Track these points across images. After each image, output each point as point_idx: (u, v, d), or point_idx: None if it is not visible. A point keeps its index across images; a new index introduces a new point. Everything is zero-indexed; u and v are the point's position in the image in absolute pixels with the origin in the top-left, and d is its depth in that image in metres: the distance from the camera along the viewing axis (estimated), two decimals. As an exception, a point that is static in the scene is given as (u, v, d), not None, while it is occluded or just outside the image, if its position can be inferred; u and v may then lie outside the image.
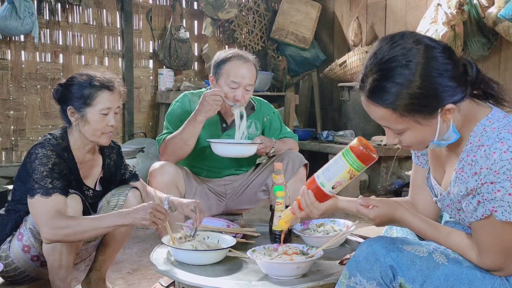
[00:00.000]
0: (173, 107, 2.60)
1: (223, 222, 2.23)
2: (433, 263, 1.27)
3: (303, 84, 5.85)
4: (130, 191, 2.10)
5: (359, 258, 1.32)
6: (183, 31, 5.08)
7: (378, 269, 1.28)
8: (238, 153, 2.43)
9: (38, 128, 4.44)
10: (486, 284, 1.26)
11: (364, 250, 1.32)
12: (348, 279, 1.34)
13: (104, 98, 1.97)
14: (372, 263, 1.29)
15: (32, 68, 4.39)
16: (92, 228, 1.82)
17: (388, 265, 1.28)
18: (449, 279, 1.26)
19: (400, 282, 1.28)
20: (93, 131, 1.98)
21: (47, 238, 1.80)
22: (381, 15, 5.14)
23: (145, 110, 5.06)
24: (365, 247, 1.33)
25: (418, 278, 1.27)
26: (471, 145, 1.28)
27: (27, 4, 3.92)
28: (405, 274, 1.27)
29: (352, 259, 1.35)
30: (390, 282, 1.28)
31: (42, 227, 1.80)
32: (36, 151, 1.88)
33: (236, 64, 2.43)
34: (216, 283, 1.60)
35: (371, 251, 1.30)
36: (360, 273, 1.31)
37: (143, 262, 2.75)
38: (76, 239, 1.86)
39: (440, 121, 1.28)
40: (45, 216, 1.79)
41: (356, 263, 1.33)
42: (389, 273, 1.28)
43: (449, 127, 1.30)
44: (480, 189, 1.24)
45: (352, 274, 1.33)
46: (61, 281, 1.91)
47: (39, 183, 1.83)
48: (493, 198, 1.22)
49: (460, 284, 1.26)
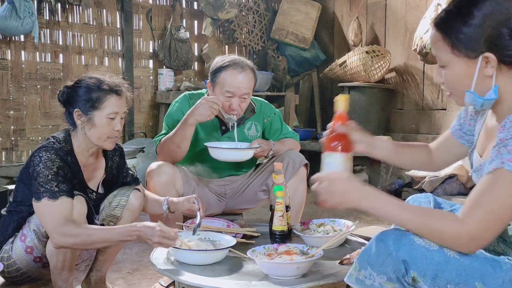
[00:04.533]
0: (172, 108, 2.60)
1: (223, 222, 2.24)
2: (444, 257, 1.25)
3: (303, 84, 5.85)
4: (132, 193, 2.11)
5: (371, 252, 1.30)
6: (183, 31, 5.08)
7: (390, 264, 1.26)
8: (235, 157, 2.43)
9: (38, 128, 4.44)
10: (497, 278, 1.24)
11: (375, 244, 1.30)
12: (358, 272, 1.31)
13: (112, 103, 1.97)
14: (383, 258, 1.27)
15: (32, 68, 4.39)
16: (101, 240, 1.83)
17: (401, 259, 1.25)
18: (461, 273, 1.24)
19: (413, 276, 1.25)
20: (99, 134, 1.98)
21: (56, 244, 1.82)
22: (381, 15, 5.14)
23: (145, 110, 5.07)
24: (376, 241, 1.30)
25: (429, 271, 1.24)
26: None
27: (27, 4, 3.92)
28: (418, 268, 1.25)
29: (364, 252, 1.32)
30: (402, 277, 1.26)
31: (52, 233, 1.81)
32: (40, 154, 1.88)
33: (231, 73, 2.40)
34: (216, 283, 1.60)
35: (383, 245, 1.28)
36: (371, 266, 1.29)
37: (143, 262, 2.74)
38: (83, 248, 1.90)
39: (479, 67, 1.29)
40: (54, 221, 1.80)
41: (367, 256, 1.30)
42: (402, 267, 1.26)
43: (491, 85, 1.31)
44: (507, 141, 1.23)
45: (363, 267, 1.30)
46: (63, 282, 1.92)
47: (44, 187, 1.83)
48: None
49: (472, 278, 1.24)
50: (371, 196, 1.34)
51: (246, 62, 2.48)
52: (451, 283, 1.24)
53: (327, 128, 1.66)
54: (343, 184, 1.37)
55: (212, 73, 2.47)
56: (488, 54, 1.28)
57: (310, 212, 3.91)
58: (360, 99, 4.87)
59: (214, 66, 2.47)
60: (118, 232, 1.82)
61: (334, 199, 1.37)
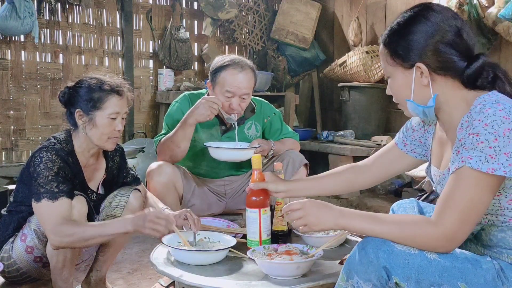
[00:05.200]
0: (172, 108, 2.60)
1: (223, 222, 2.24)
2: (425, 260, 1.27)
3: (303, 84, 5.85)
4: (132, 193, 2.11)
5: (354, 260, 1.33)
6: (183, 31, 5.08)
7: (372, 271, 1.29)
8: (235, 157, 2.43)
9: (38, 128, 4.44)
10: (479, 276, 1.27)
11: (357, 253, 1.33)
12: (346, 282, 1.35)
13: (114, 103, 1.98)
14: (366, 266, 1.30)
15: (32, 68, 4.39)
16: (96, 235, 1.83)
17: (382, 266, 1.28)
18: (443, 275, 1.26)
19: (395, 281, 1.28)
20: (100, 134, 1.98)
21: (54, 244, 1.82)
22: (381, 15, 5.14)
23: (145, 110, 5.06)
24: (358, 249, 1.33)
25: (412, 276, 1.27)
26: (469, 114, 1.32)
27: (27, 4, 3.92)
28: (399, 274, 1.27)
29: (347, 261, 1.36)
30: (385, 283, 1.29)
31: (49, 234, 1.82)
32: (41, 155, 1.88)
33: (231, 73, 2.40)
34: (216, 283, 1.60)
35: (364, 253, 1.31)
36: (357, 274, 1.32)
37: (143, 262, 2.75)
38: (81, 245, 1.89)
39: (414, 77, 1.39)
40: (51, 222, 1.80)
41: (352, 265, 1.34)
42: (383, 274, 1.28)
43: (431, 94, 1.38)
44: (465, 140, 1.28)
45: (350, 276, 1.34)
46: (64, 282, 1.92)
47: (44, 188, 1.83)
48: (473, 148, 1.25)
49: (454, 278, 1.26)
50: (344, 214, 1.42)
51: (246, 61, 2.48)
52: (434, 285, 1.27)
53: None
54: (315, 207, 1.46)
55: (212, 73, 2.47)
56: (419, 64, 1.37)
57: (310, 212, 3.90)
58: (360, 99, 4.87)
59: (214, 66, 2.47)
60: (111, 225, 1.84)
61: (309, 222, 1.46)
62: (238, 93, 2.41)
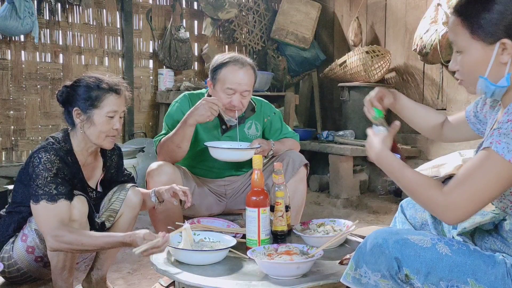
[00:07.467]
0: (172, 108, 2.60)
1: (223, 222, 2.24)
2: (437, 254, 1.27)
3: (303, 84, 5.85)
4: (131, 189, 2.13)
5: (365, 250, 1.33)
6: (183, 31, 5.08)
7: (383, 262, 1.29)
8: (235, 157, 2.43)
9: (38, 128, 4.44)
10: (489, 274, 1.26)
11: (369, 243, 1.33)
12: (354, 271, 1.34)
13: (111, 101, 1.98)
14: (377, 256, 1.30)
15: (32, 68, 4.39)
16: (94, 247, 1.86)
17: (393, 257, 1.28)
18: (453, 270, 1.26)
19: (406, 273, 1.28)
20: (98, 133, 1.98)
21: (51, 247, 1.83)
22: (381, 15, 5.14)
23: (145, 110, 5.06)
24: (371, 239, 1.33)
25: (422, 269, 1.27)
26: None
27: (27, 4, 3.92)
28: (410, 266, 1.27)
29: (358, 250, 1.35)
30: (395, 274, 1.29)
31: (46, 236, 1.82)
32: (40, 156, 1.88)
33: (232, 70, 2.41)
34: (216, 283, 1.60)
35: (377, 243, 1.31)
36: (366, 264, 1.31)
37: (143, 262, 2.74)
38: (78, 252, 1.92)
39: (495, 53, 1.31)
40: (48, 225, 1.80)
41: (362, 255, 1.33)
42: (395, 265, 1.28)
43: (504, 73, 1.32)
44: (503, 124, 1.25)
45: (358, 265, 1.33)
46: (64, 282, 1.92)
47: (43, 189, 1.83)
48: (506, 134, 1.23)
49: (464, 275, 1.26)
50: (383, 155, 1.44)
51: (246, 59, 2.49)
52: (443, 279, 1.26)
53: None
54: (370, 142, 1.51)
55: (213, 71, 2.47)
56: (505, 41, 1.30)
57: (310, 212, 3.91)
58: (360, 99, 4.85)
59: (214, 64, 2.47)
60: (108, 242, 1.83)
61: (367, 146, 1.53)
62: (239, 90, 2.41)
